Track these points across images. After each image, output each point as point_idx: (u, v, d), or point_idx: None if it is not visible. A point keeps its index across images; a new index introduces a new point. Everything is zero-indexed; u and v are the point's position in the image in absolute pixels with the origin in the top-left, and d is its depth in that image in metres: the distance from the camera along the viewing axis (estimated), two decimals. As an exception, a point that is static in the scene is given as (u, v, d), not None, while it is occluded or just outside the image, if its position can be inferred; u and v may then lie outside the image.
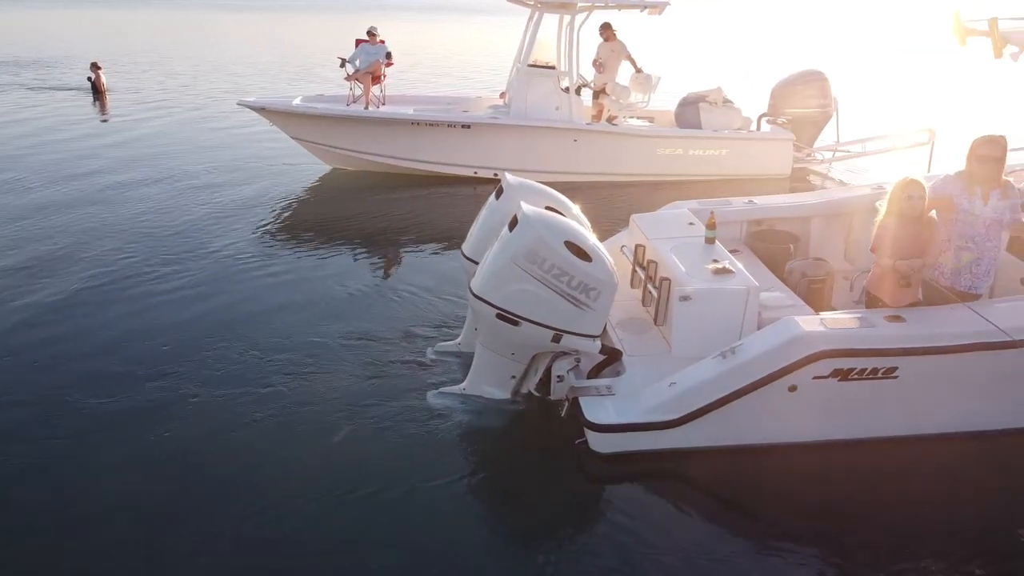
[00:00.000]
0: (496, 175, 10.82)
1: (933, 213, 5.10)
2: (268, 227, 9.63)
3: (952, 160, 10.17)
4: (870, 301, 5.31)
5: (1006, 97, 11.95)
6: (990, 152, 5.03)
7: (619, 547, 4.36)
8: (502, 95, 12.09)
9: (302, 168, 12.05)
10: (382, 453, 5.09)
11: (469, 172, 11.35)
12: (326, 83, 16.95)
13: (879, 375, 4.80)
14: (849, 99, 12.18)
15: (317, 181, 11.70)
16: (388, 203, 10.72)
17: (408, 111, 11.58)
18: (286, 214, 10.26)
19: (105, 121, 16.55)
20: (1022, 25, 5.49)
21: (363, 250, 8.93)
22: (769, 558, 4.34)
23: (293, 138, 11.66)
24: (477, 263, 5.37)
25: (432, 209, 10.53)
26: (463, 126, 11.13)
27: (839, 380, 4.78)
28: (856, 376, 4.78)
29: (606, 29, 11.95)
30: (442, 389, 5.59)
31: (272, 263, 8.36)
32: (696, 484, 4.89)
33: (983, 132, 5.21)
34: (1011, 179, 5.22)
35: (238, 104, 11.78)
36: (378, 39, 12.17)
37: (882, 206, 5.14)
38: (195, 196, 10.66)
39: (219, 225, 9.49)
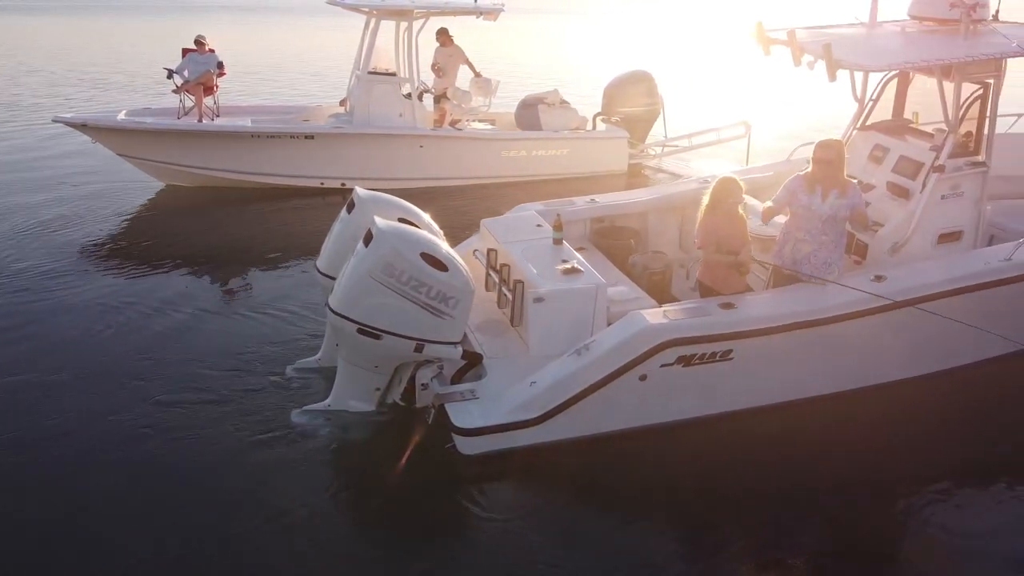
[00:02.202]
0: (343, 185, 10.70)
1: (741, 209, 5.62)
2: (96, 251, 8.99)
3: (767, 151, 11.19)
4: (703, 291, 5.79)
5: (816, 91, 13.19)
6: (823, 155, 5.56)
7: (495, 544, 4.55)
8: (342, 103, 11.93)
9: (131, 186, 11.27)
10: (246, 478, 4.98)
11: (315, 183, 11.12)
12: (146, 94, 15.90)
13: (717, 358, 5.27)
14: (673, 97, 12.98)
15: (150, 199, 11.02)
16: (231, 219, 10.31)
17: (246, 122, 11.18)
18: (117, 236, 9.60)
19: None
20: (817, 36, 6.13)
21: (208, 269, 8.53)
22: (633, 536, 4.67)
23: (119, 155, 10.93)
24: (333, 278, 5.37)
25: (280, 223, 10.22)
26: (306, 136, 10.89)
27: (683, 366, 5.20)
28: (698, 361, 5.22)
29: (443, 34, 12.07)
30: (306, 407, 5.54)
31: (103, 289, 7.81)
32: (563, 474, 5.14)
33: (796, 125, 5.74)
34: (855, 181, 5.80)
35: (54, 120, 10.89)
36: (207, 48, 11.67)
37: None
38: (6, 223, 9.69)
39: (38, 252, 8.75)
